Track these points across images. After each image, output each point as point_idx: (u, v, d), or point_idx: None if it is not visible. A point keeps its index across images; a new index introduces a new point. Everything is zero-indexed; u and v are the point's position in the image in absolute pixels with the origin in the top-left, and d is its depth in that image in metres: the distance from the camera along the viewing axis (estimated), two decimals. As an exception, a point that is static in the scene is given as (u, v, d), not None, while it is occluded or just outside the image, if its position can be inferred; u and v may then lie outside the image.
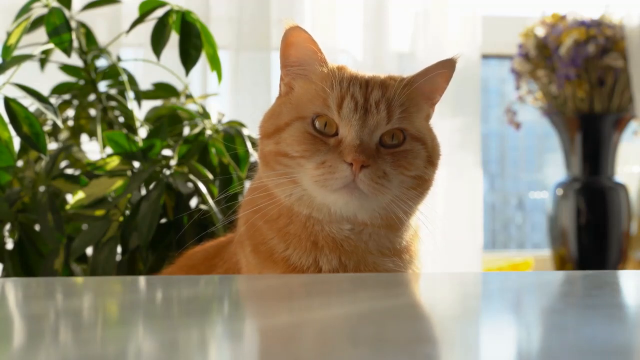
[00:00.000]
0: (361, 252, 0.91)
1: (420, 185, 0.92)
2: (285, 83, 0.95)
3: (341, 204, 0.88)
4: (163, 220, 1.22)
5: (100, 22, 2.06)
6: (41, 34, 1.23)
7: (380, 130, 0.89)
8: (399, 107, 0.90)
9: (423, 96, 0.94)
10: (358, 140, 0.87)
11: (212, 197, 1.19)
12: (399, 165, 0.89)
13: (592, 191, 2.43)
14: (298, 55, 0.93)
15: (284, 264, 0.91)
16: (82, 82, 1.35)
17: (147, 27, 1.27)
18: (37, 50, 1.21)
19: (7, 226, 1.24)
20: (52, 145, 1.35)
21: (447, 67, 0.94)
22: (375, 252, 0.92)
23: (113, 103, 1.34)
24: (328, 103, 0.89)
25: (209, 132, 1.26)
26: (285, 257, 0.92)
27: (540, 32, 2.42)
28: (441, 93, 0.96)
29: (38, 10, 1.22)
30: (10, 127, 1.08)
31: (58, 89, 1.37)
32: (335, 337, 0.50)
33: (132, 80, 1.36)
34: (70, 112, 1.37)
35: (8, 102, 1.07)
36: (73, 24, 1.28)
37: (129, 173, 1.19)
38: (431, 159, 0.93)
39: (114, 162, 1.19)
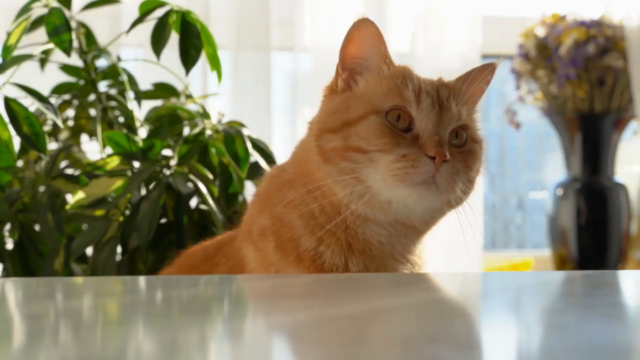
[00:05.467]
0: (385, 257, 0.92)
1: (470, 189, 0.92)
2: (343, 79, 0.94)
3: (414, 199, 0.86)
4: (163, 220, 1.22)
5: (100, 22, 2.06)
6: (41, 34, 1.23)
7: (452, 125, 0.89)
8: (464, 105, 0.91)
9: (472, 98, 0.95)
10: (437, 136, 0.86)
11: (212, 197, 1.19)
12: (466, 165, 0.89)
13: (592, 191, 2.43)
14: (366, 49, 0.93)
15: (310, 262, 0.90)
16: (82, 82, 1.36)
17: (147, 27, 1.28)
18: (37, 50, 1.22)
19: (7, 226, 1.24)
20: (52, 145, 1.35)
21: (490, 71, 0.96)
22: (399, 256, 0.93)
23: (113, 103, 1.34)
24: (405, 96, 0.88)
25: (209, 132, 1.26)
26: (314, 255, 0.90)
27: (540, 32, 2.42)
28: (481, 96, 0.97)
29: (38, 10, 1.22)
30: (10, 127, 1.08)
31: (58, 89, 1.37)
32: (336, 336, 0.50)
33: (132, 80, 1.36)
34: (70, 112, 1.37)
35: (8, 102, 1.07)
36: (73, 24, 1.28)
37: (129, 173, 1.19)
38: (482, 162, 0.94)
39: (114, 162, 1.19)
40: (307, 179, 0.91)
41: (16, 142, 1.10)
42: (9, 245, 1.24)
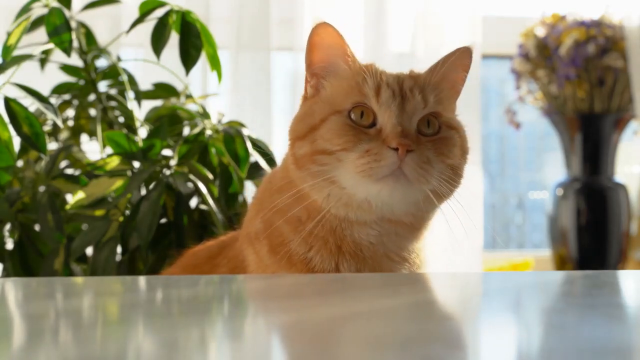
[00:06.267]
0: (379, 258, 0.91)
1: (455, 179, 0.91)
2: (312, 85, 0.94)
3: (386, 193, 0.86)
4: (163, 220, 1.22)
5: (100, 22, 2.06)
6: (41, 34, 1.23)
7: (418, 115, 0.89)
8: (431, 93, 0.90)
9: (448, 85, 0.94)
10: (400, 127, 0.86)
11: (212, 197, 1.19)
12: (440, 153, 0.89)
13: (592, 191, 2.43)
14: (328, 52, 0.92)
15: (302, 266, 0.90)
16: (82, 82, 1.35)
17: (147, 27, 1.28)
18: (37, 50, 1.22)
19: (7, 226, 1.24)
20: (52, 145, 1.35)
21: (464, 55, 0.94)
22: (393, 255, 0.92)
23: (113, 103, 1.34)
24: (365, 92, 0.88)
25: (209, 132, 1.26)
26: (305, 260, 0.90)
27: (540, 32, 2.42)
28: (462, 83, 0.96)
29: (38, 10, 1.22)
30: (10, 127, 1.08)
31: (58, 89, 1.37)
32: (334, 336, 0.50)
33: (132, 80, 1.36)
34: (70, 112, 1.37)
35: (8, 102, 1.07)
36: (73, 24, 1.28)
37: (129, 173, 1.19)
38: (464, 149, 0.93)
39: (114, 162, 1.19)
40: (291, 184, 0.91)
41: (16, 142, 1.10)
42: (9, 245, 1.24)
